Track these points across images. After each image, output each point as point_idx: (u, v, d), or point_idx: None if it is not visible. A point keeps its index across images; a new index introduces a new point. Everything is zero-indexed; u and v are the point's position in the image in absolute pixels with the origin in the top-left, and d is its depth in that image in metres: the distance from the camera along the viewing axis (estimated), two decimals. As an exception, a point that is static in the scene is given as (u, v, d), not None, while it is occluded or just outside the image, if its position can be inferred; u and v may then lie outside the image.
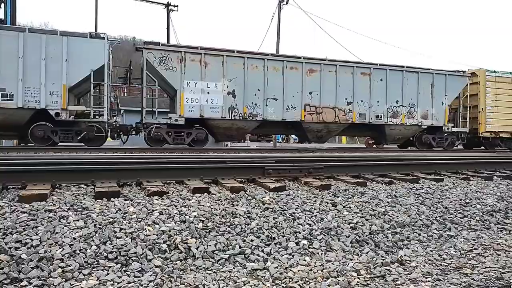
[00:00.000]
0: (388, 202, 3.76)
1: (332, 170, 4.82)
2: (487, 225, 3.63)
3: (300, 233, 2.92)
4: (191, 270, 2.34)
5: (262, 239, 2.77)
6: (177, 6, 26.07)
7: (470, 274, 2.44)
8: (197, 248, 2.54)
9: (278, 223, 3.01)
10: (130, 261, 2.31)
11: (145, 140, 12.24)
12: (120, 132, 12.61)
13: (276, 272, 2.35)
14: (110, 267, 2.23)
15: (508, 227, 3.63)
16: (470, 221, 3.65)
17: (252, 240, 2.74)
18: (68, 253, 2.27)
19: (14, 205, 2.85)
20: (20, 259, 2.16)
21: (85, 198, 3.20)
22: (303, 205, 3.44)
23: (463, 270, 2.51)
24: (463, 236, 3.30)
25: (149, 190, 3.41)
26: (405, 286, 2.23)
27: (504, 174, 5.77)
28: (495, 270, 2.51)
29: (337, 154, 8.61)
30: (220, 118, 12.54)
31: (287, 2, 23.21)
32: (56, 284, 2.02)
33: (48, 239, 2.38)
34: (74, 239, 2.42)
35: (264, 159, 5.40)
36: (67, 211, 2.81)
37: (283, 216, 3.15)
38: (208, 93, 12.35)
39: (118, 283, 2.08)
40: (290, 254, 2.65)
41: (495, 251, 2.95)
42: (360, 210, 3.47)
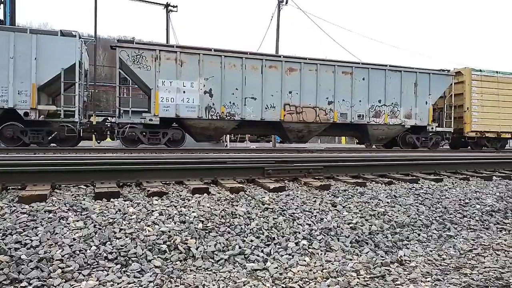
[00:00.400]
0: (388, 202, 3.76)
1: (332, 170, 4.83)
2: (487, 225, 3.63)
3: (300, 234, 2.92)
4: (191, 271, 2.34)
5: (262, 240, 2.78)
6: (177, 7, 26.11)
7: (470, 274, 2.44)
8: (197, 249, 2.54)
9: (278, 224, 3.02)
10: (130, 262, 2.31)
11: (120, 141, 12.03)
12: (95, 133, 12.35)
13: (276, 273, 2.36)
14: (110, 268, 2.23)
15: (508, 227, 3.64)
16: (470, 221, 3.65)
17: (252, 241, 2.74)
18: (68, 254, 2.27)
19: (14, 206, 2.85)
20: (20, 260, 2.16)
21: (85, 199, 3.19)
22: (303, 206, 3.44)
23: (463, 270, 2.52)
24: (463, 236, 3.31)
25: (149, 191, 3.41)
26: (405, 286, 2.23)
27: (504, 174, 5.78)
28: (495, 270, 2.51)
29: (337, 154, 8.61)
30: (197, 118, 12.27)
31: (287, 3, 23.24)
32: (56, 285, 2.02)
33: (48, 240, 2.38)
34: (74, 240, 2.42)
35: (264, 160, 5.40)
36: (67, 212, 2.81)
37: (283, 217, 3.15)
38: (184, 92, 12.08)
39: (118, 284, 2.08)
40: (290, 255, 2.65)
41: (495, 251, 2.95)
42: (360, 210, 3.48)
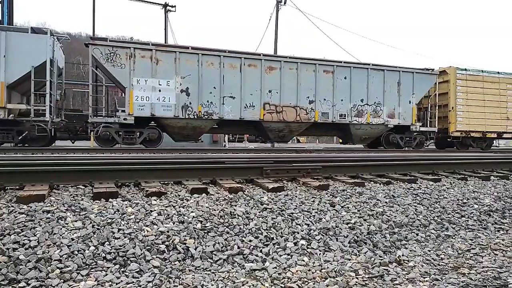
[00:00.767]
0: (386, 202, 3.77)
1: (330, 171, 4.83)
2: (485, 225, 3.64)
3: (299, 233, 2.92)
4: (190, 271, 2.34)
5: (261, 240, 2.78)
6: (175, 7, 26.13)
7: (468, 274, 2.45)
8: (196, 249, 2.54)
9: (277, 224, 3.02)
10: (129, 262, 2.31)
11: (94, 140, 11.83)
12: (69, 132, 12.14)
13: (275, 273, 2.36)
14: (109, 268, 2.23)
15: (505, 227, 3.65)
16: (468, 221, 3.66)
17: (251, 241, 2.74)
18: (66, 254, 2.26)
19: (12, 206, 2.84)
20: (18, 260, 2.16)
21: (83, 199, 3.19)
22: (302, 206, 3.45)
23: (461, 270, 2.52)
24: (461, 236, 3.32)
25: (147, 191, 3.41)
26: (403, 286, 2.23)
27: (501, 174, 5.80)
28: (493, 270, 2.52)
29: (335, 155, 8.62)
30: (173, 117, 12.09)
31: (285, 3, 23.28)
32: (54, 285, 2.02)
33: (46, 240, 2.37)
34: (72, 240, 2.41)
35: (262, 160, 5.40)
36: (65, 212, 2.80)
37: (282, 217, 3.15)
38: (160, 91, 11.89)
39: (117, 284, 2.08)
40: (289, 255, 2.66)
41: (493, 251, 2.96)
42: (358, 210, 3.48)
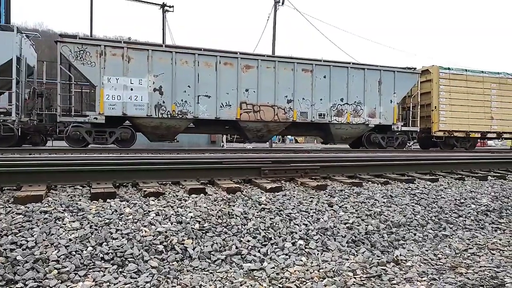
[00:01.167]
0: (384, 202, 3.78)
1: (328, 171, 4.84)
2: (482, 225, 3.66)
3: (297, 234, 2.93)
4: (188, 271, 2.33)
5: (259, 240, 2.78)
6: (173, 7, 26.14)
7: (465, 274, 2.45)
8: (194, 249, 2.53)
9: (275, 224, 3.02)
10: (127, 262, 2.30)
11: (65, 140, 11.63)
12: (38, 133, 11.90)
13: (273, 273, 2.36)
14: (106, 268, 2.22)
15: (502, 227, 3.66)
16: (465, 221, 3.67)
17: (249, 241, 2.74)
18: (64, 255, 2.26)
19: (9, 207, 2.83)
20: (16, 261, 2.15)
21: (81, 199, 3.18)
22: (300, 206, 3.45)
23: (458, 270, 2.53)
24: (458, 236, 3.33)
25: (145, 191, 3.40)
26: (401, 286, 2.24)
27: (498, 174, 5.82)
28: (490, 269, 2.53)
29: (333, 155, 8.63)
30: (146, 116, 11.88)
31: (283, 3, 23.28)
32: (52, 286, 2.01)
33: (44, 241, 2.37)
34: (70, 241, 2.41)
35: (261, 160, 5.41)
36: (63, 212, 2.79)
37: (280, 217, 3.15)
38: (132, 90, 11.66)
39: (115, 284, 2.08)
40: (287, 255, 2.66)
41: (490, 251, 2.97)
42: (356, 210, 3.49)
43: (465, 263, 2.67)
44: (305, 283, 2.22)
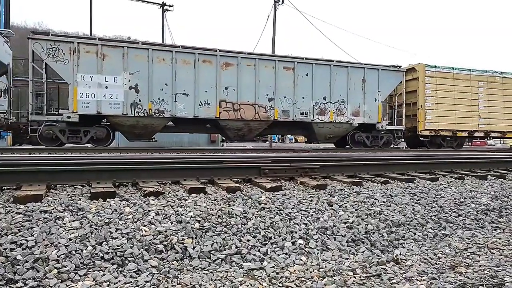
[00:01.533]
0: (384, 202, 3.78)
1: (328, 170, 4.84)
2: (482, 224, 3.66)
3: (297, 233, 2.93)
4: (188, 270, 2.34)
5: (259, 239, 2.78)
6: (172, 6, 26.13)
7: (465, 273, 2.46)
8: (194, 248, 2.54)
9: (275, 223, 3.02)
10: (127, 262, 2.30)
11: (38, 139, 11.32)
12: (9, 131, 11.64)
13: (273, 272, 2.36)
14: (106, 268, 2.23)
15: (502, 226, 3.66)
16: (465, 220, 3.67)
17: (249, 240, 2.74)
18: (64, 254, 2.26)
19: (9, 206, 2.83)
20: (16, 260, 2.15)
21: (81, 199, 3.18)
22: (299, 205, 3.45)
23: (458, 269, 2.53)
24: (458, 235, 3.33)
25: (145, 191, 3.40)
26: (401, 285, 2.24)
27: (498, 174, 5.82)
28: (490, 269, 2.53)
29: (333, 154, 8.63)
30: (122, 115, 11.57)
31: (283, 2, 23.26)
32: (52, 285, 2.01)
33: (44, 240, 2.37)
34: (70, 240, 2.41)
35: (260, 159, 5.41)
36: (63, 212, 2.79)
37: (280, 216, 3.15)
38: (107, 88, 11.36)
39: (115, 284, 2.08)
40: (287, 254, 2.66)
41: (490, 250, 2.97)
42: (356, 210, 3.49)
43: (465, 263, 2.67)
44: (305, 283, 2.23)
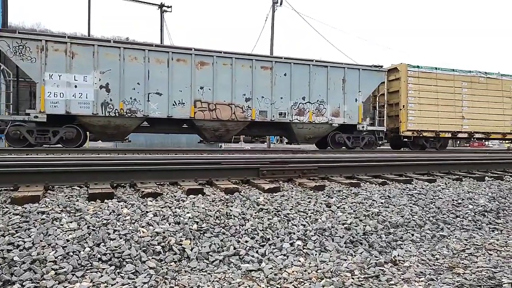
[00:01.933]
0: (382, 203, 3.78)
1: (326, 171, 4.84)
2: (479, 225, 3.67)
3: (295, 234, 2.93)
4: (186, 272, 2.33)
5: (257, 240, 2.78)
6: (171, 7, 26.13)
7: (463, 274, 2.46)
8: (192, 250, 2.53)
9: (273, 224, 3.02)
10: (124, 263, 2.30)
11: (4, 139, 11.12)
12: None
13: (271, 273, 2.36)
14: (104, 269, 2.22)
15: (500, 227, 3.67)
16: (463, 221, 3.68)
17: (247, 241, 2.74)
18: (61, 255, 2.25)
19: (6, 207, 2.82)
20: (13, 262, 2.14)
21: (78, 200, 3.17)
22: (298, 206, 3.45)
23: (456, 270, 2.54)
24: (456, 236, 3.34)
25: (143, 192, 3.39)
26: (399, 286, 2.24)
27: (496, 175, 5.84)
28: (487, 270, 2.54)
29: (331, 155, 8.64)
30: (92, 115, 11.31)
31: (281, 4, 23.29)
32: (49, 287, 2.00)
33: (41, 241, 2.36)
34: (67, 241, 2.40)
35: (259, 160, 5.40)
36: (60, 213, 2.78)
37: (278, 217, 3.15)
38: (76, 87, 11.10)
39: (112, 285, 2.07)
40: (285, 255, 2.66)
41: (487, 251, 2.98)
42: (354, 211, 3.49)
43: (463, 264, 2.68)
44: (303, 284, 2.22)
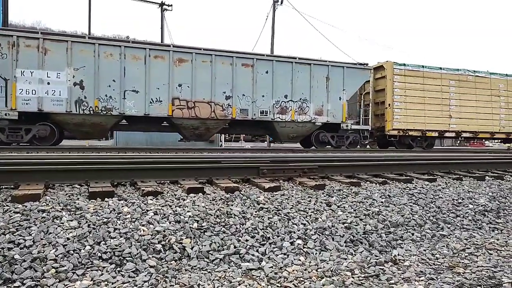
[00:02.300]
0: (382, 202, 3.78)
1: (326, 170, 4.84)
2: (479, 225, 3.67)
3: (295, 233, 2.93)
4: (186, 270, 2.33)
5: (257, 239, 2.78)
6: (171, 6, 26.14)
7: (463, 273, 2.46)
8: (192, 248, 2.53)
9: (273, 223, 3.02)
10: (125, 261, 2.30)
11: None
12: None
13: (271, 272, 2.36)
14: (104, 268, 2.22)
15: (500, 227, 3.67)
16: (463, 221, 3.68)
17: (247, 240, 2.74)
18: (62, 254, 2.25)
19: (7, 205, 2.83)
20: (13, 260, 2.14)
21: (79, 198, 3.17)
22: (298, 205, 3.45)
23: (456, 269, 2.54)
24: (456, 236, 3.34)
25: (144, 190, 3.40)
26: (399, 285, 2.24)
27: (496, 174, 5.84)
28: (487, 269, 2.54)
29: (331, 154, 8.64)
30: (66, 113, 11.11)
31: (282, 3, 23.29)
32: (50, 285, 2.01)
33: (42, 240, 2.36)
34: (68, 240, 2.40)
35: (259, 159, 5.40)
36: (61, 211, 2.79)
37: (278, 216, 3.15)
38: (49, 84, 10.91)
39: (113, 284, 2.07)
40: (285, 254, 2.66)
41: (487, 250, 2.98)
42: (354, 210, 3.49)
43: (463, 263, 2.68)
44: (303, 283, 2.22)
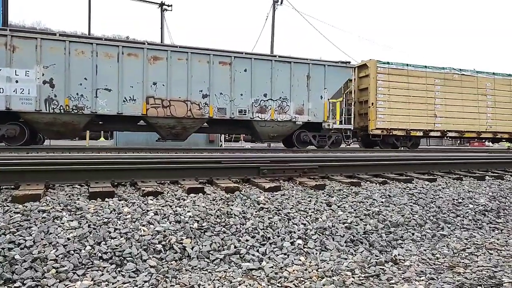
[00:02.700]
0: (382, 202, 3.78)
1: (327, 170, 4.84)
2: (480, 225, 3.67)
3: (295, 233, 2.93)
4: (186, 270, 2.33)
5: (257, 239, 2.78)
6: (171, 6, 26.17)
7: (463, 273, 2.46)
8: (192, 248, 2.53)
9: (273, 223, 3.02)
10: (125, 262, 2.30)
11: None
12: None
13: (271, 272, 2.36)
14: (105, 268, 2.22)
15: (500, 227, 3.67)
16: (463, 221, 3.68)
17: (247, 240, 2.74)
18: (62, 254, 2.25)
19: (7, 206, 2.83)
20: (14, 260, 2.15)
21: (79, 198, 3.17)
22: (298, 205, 3.45)
23: (456, 269, 2.54)
24: (456, 236, 3.34)
25: (144, 190, 3.40)
26: (399, 285, 2.24)
27: (496, 174, 5.84)
28: (488, 269, 2.54)
29: (332, 154, 8.64)
30: (35, 111, 10.84)
31: (281, 3, 23.31)
32: (50, 285, 2.01)
33: (42, 240, 2.36)
34: (68, 240, 2.40)
35: (259, 159, 5.40)
36: (61, 212, 2.79)
37: (278, 216, 3.15)
38: (17, 82, 10.68)
39: (113, 284, 2.07)
40: (285, 254, 2.66)
41: (488, 250, 2.98)
42: (355, 210, 3.49)
43: (463, 263, 2.68)
44: (304, 283, 2.23)
